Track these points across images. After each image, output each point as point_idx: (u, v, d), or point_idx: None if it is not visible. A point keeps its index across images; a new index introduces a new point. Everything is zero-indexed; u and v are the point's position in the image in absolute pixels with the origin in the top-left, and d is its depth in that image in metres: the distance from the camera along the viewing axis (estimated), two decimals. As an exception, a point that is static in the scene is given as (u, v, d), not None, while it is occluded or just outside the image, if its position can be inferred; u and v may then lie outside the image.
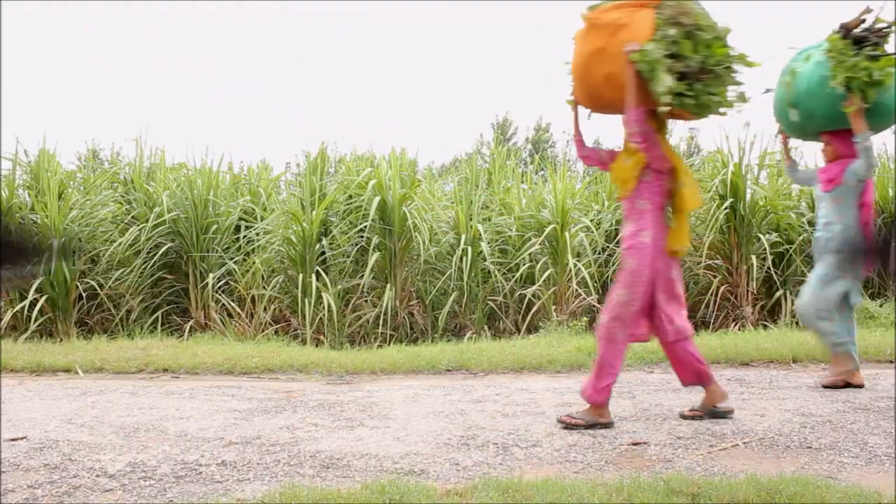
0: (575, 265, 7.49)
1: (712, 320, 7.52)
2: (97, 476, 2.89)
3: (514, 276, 7.64)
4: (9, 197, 7.68)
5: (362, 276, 7.44)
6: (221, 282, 7.70)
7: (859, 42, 4.13)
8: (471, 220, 7.68)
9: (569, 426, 3.55)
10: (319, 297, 7.10)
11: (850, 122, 4.20)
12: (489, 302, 7.64)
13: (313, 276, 7.23)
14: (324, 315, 7.05)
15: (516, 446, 3.28)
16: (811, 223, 7.93)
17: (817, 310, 4.40)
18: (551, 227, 7.66)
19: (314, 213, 7.45)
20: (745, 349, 5.52)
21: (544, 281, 7.44)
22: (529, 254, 7.68)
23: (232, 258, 7.75)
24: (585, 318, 7.38)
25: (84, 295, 7.48)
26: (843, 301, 4.44)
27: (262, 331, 7.15)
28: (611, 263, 7.92)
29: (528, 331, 7.29)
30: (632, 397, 4.30)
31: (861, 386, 4.45)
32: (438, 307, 7.53)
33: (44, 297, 7.07)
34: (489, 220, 8.16)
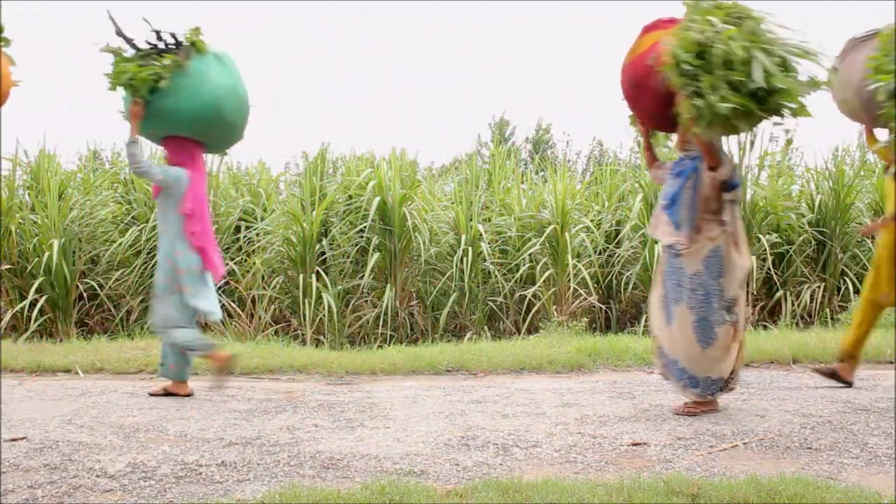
0: (575, 266, 7.49)
1: (712, 321, 7.51)
2: (97, 476, 2.89)
3: (514, 277, 7.64)
4: (9, 197, 7.68)
5: (362, 276, 7.44)
6: (222, 282, 7.70)
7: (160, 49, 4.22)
8: (471, 220, 7.68)
9: None
10: (319, 298, 7.10)
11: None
12: (489, 302, 7.64)
13: (313, 276, 7.23)
14: (324, 315, 7.05)
15: (516, 447, 3.28)
16: (811, 224, 7.94)
17: (165, 319, 4.31)
18: (551, 227, 7.66)
19: (314, 213, 7.45)
20: (745, 350, 5.52)
21: (544, 281, 7.44)
22: (529, 254, 7.68)
23: (232, 258, 7.75)
24: (586, 319, 7.38)
25: (84, 295, 7.47)
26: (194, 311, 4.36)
27: (263, 331, 7.15)
28: (611, 264, 7.92)
29: (529, 331, 7.29)
30: (632, 398, 4.30)
31: (189, 395, 4.38)
32: (439, 308, 7.53)
33: (44, 297, 7.07)
34: (489, 220, 8.16)
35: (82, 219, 7.76)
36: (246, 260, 7.73)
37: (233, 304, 7.42)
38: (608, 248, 8.06)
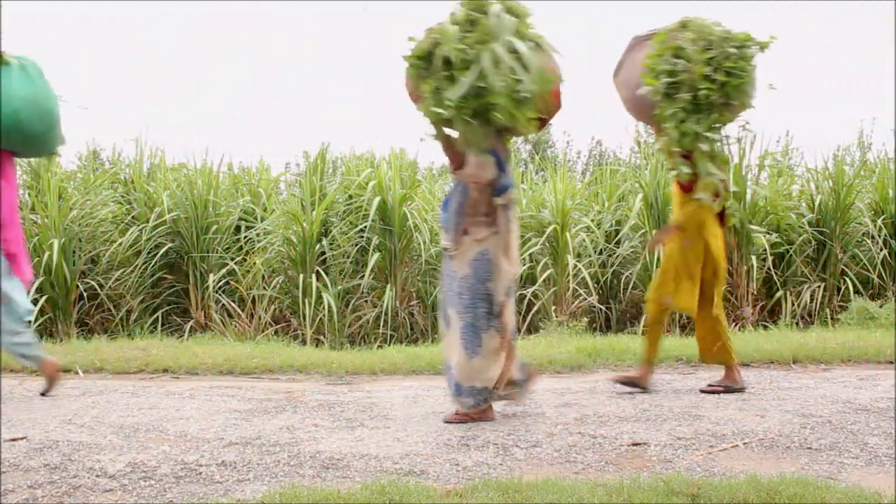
0: (575, 265, 7.49)
1: (712, 321, 7.51)
2: (97, 476, 2.89)
3: (514, 277, 7.63)
4: (9, 197, 7.67)
5: (362, 276, 7.44)
6: (222, 282, 7.70)
7: None
8: (471, 220, 7.66)
9: None
10: (319, 298, 7.10)
11: None
12: (489, 302, 7.63)
13: (313, 276, 7.23)
14: (324, 315, 7.05)
15: (516, 447, 3.28)
16: (811, 224, 7.94)
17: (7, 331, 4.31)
18: (551, 227, 7.66)
19: (314, 213, 7.45)
20: (745, 349, 5.52)
21: (544, 281, 7.44)
22: (529, 254, 7.67)
23: (232, 258, 7.75)
24: (586, 319, 7.38)
25: (84, 295, 7.48)
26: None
27: (263, 331, 7.15)
28: (611, 264, 7.92)
29: (528, 331, 7.29)
30: (632, 398, 4.30)
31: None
32: (439, 308, 7.52)
33: (44, 297, 7.06)
34: (489, 220, 8.14)
35: (82, 219, 7.75)
36: (246, 260, 7.73)
37: (233, 304, 7.42)
38: (608, 247, 8.07)
